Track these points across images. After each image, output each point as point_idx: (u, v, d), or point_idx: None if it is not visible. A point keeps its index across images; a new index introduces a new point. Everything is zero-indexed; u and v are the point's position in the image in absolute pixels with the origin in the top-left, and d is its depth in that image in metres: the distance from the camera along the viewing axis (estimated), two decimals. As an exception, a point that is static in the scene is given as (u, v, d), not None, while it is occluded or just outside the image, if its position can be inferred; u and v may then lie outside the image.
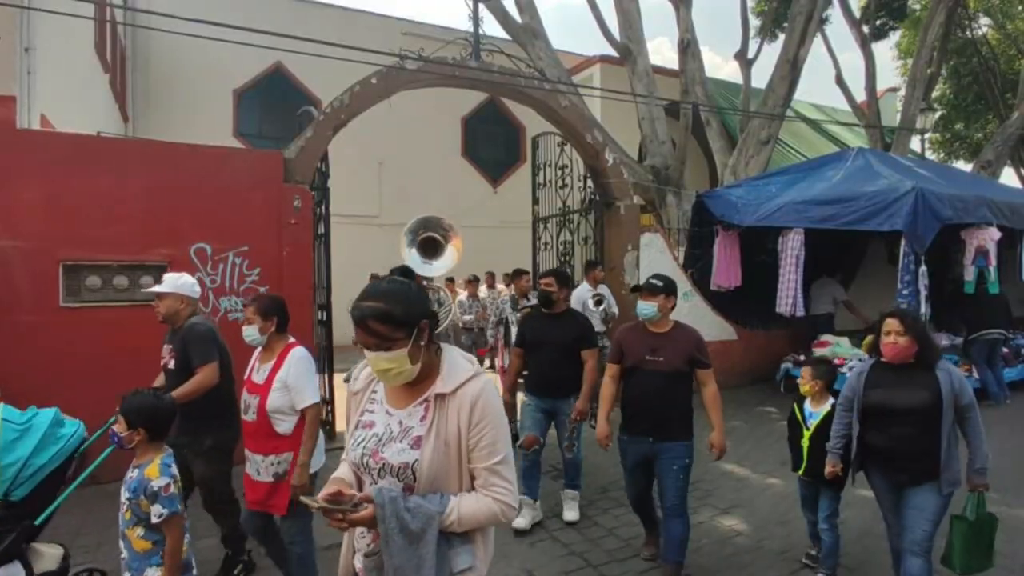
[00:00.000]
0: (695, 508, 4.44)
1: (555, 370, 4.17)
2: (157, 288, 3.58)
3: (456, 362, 1.66)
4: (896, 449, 2.85)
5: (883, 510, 3.08)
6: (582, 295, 6.50)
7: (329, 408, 6.21)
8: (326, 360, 6.42)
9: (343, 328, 5.58)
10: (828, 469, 3.18)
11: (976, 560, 2.94)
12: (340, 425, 6.10)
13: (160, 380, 3.69)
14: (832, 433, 3.19)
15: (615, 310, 6.89)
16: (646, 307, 3.35)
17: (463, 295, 10.44)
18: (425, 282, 6.27)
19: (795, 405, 3.66)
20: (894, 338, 2.82)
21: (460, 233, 6.04)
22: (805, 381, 3.56)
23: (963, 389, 2.79)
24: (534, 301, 8.19)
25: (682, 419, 3.36)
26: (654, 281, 3.38)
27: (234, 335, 5.45)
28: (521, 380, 4.56)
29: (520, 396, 4.58)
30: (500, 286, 10.28)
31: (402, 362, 1.54)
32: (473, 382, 1.60)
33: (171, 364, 3.56)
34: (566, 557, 3.74)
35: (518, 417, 4.61)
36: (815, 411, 3.52)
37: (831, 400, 3.46)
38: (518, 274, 7.01)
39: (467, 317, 10.07)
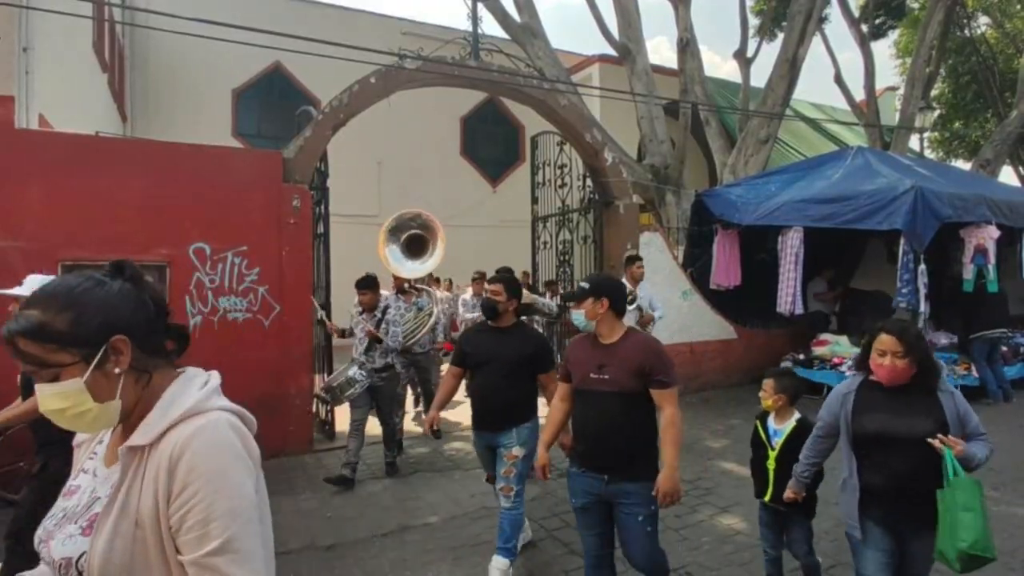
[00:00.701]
0: (694, 507, 4.45)
1: (496, 396, 3.41)
2: (16, 291, 2.74)
3: (176, 398, 1.09)
4: (900, 489, 2.37)
5: (867, 570, 2.47)
6: None
7: (328, 408, 6.21)
8: (325, 360, 6.42)
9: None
10: (787, 494, 2.82)
11: (983, 542, 2.27)
12: (340, 424, 6.10)
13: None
14: (802, 458, 2.78)
15: (658, 312, 6.39)
16: (576, 315, 2.80)
17: (467, 294, 10.36)
18: (407, 284, 6.21)
19: (757, 422, 3.24)
20: (891, 360, 2.37)
21: (442, 228, 5.94)
22: (767, 395, 3.13)
23: (968, 412, 2.42)
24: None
25: (644, 453, 2.68)
26: (581, 284, 2.88)
27: (231, 336, 5.52)
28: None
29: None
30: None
31: (79, 400, 1.02)
32: (181, 427, 1.05)
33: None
34: (566, 556, 3.74)
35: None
36: (779, 428, 3.10)
37: (796, 415, 3.09)
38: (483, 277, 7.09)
39: (471, 316, 10.00)
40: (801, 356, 8.20)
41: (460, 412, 7.18)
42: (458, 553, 3.77)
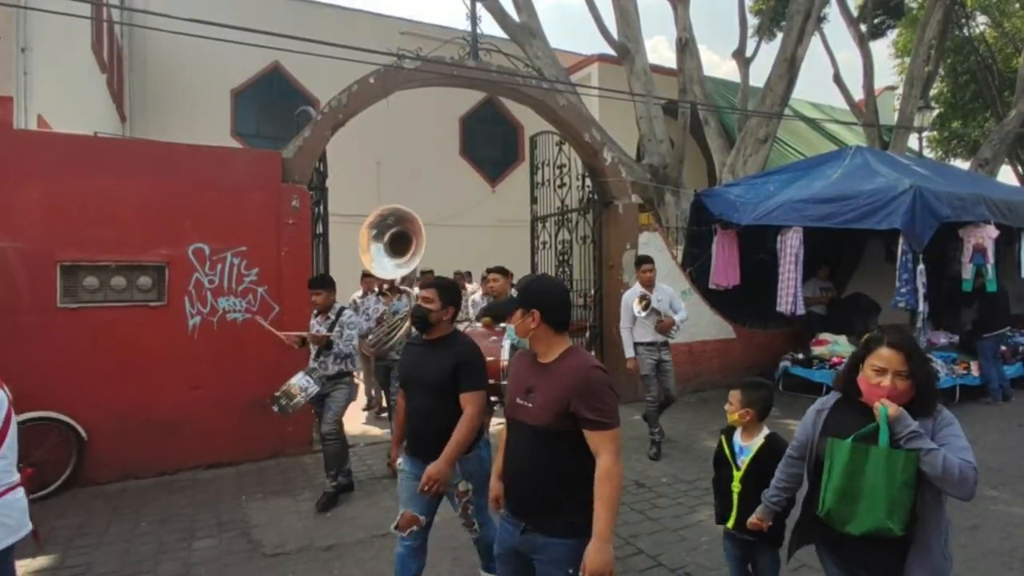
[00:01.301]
0: (693, 507, 4.45)
1: (425, 421, 2.88)
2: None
3: None
4: (866, 538, 1.97)
5: None
6: (629, 300, 5.72)
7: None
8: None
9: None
10: (752, 520, 2.50)
11: (869, 508, 1.93)
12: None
13: None
14: (773, 482, 2.42)
15: (680, 315, 5.79)
16: (510, 329, 2.43)
17: (477, 294, 9.96)
18: (388, 284, 5.98)
19: (722, 437, 2.90)
20: (891, 380, 1.96)
21: (421, 222, 5.59)
22: (732, 408, 2.83)
23: (964, 444, 1.93)
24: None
25: (573, 503, 2.07)
26: (512, 292, 2.42)
27: (231, 336, 5.52)
28: None
29: None
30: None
31: None
32: None
33: None
34: (566, 556, 3.74)
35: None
36: (746, 445, 2.78)
37: (765, 432, 2.79)
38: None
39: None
40: (800, 356, 8.20)
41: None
42: (458, 553, 3.77)
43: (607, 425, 2.04)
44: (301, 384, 4.51)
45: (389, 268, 5.60)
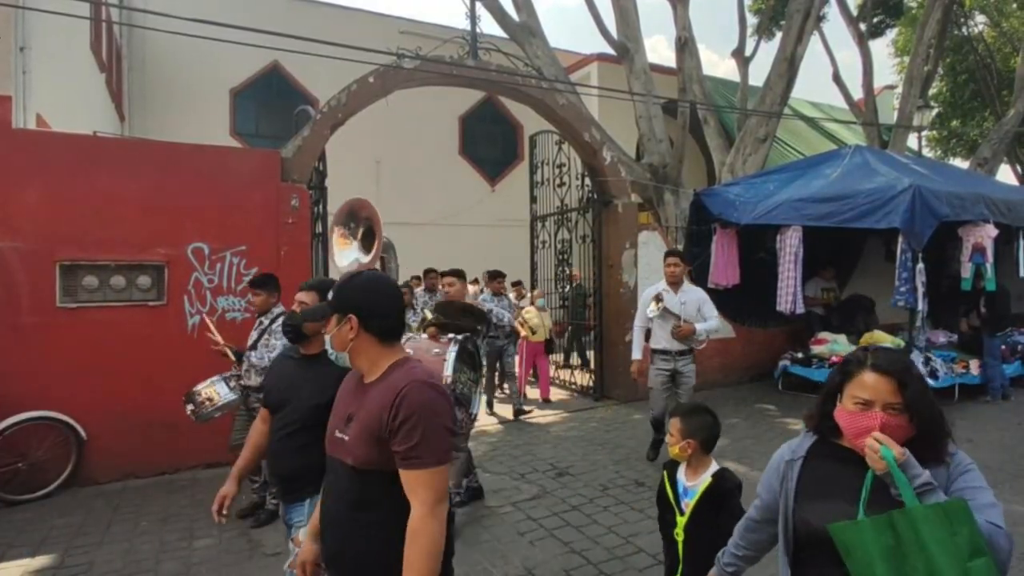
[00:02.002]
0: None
1: (283, 451, 2.32)
2: None
3: None
4: None
5: None
6: (647, 296, 5.18)
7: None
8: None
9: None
10: None
11: None
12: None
13: None
14: (730, 544, 1.85)
15: (709, 323, 5.02)
16: (327, 340, 1.82)
17: (486, 294, 9.43)
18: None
19: (664, 474, 2.48)
20: (883, 413, 1.42)
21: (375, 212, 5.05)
22: (674, 440, 2.39)
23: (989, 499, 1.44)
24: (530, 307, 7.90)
25: (395, 567, 1.53)
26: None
27: (230, 335, 5.50)
28: None
29: None
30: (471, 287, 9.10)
31: None
32: None
33: None
34: (566, 555, 3.75)
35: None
36: (691, 486, 2.35)
37: (713, 468, 2.35)
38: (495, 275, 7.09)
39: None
40: (799, 354, 8.21)
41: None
42: (459, 553, 3.76)
43: (421, 463, 1.54)
44: (221, 393, 4.01)
45: (346, 262, 4.92)
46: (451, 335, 3.44)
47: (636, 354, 5.21)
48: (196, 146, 5.72)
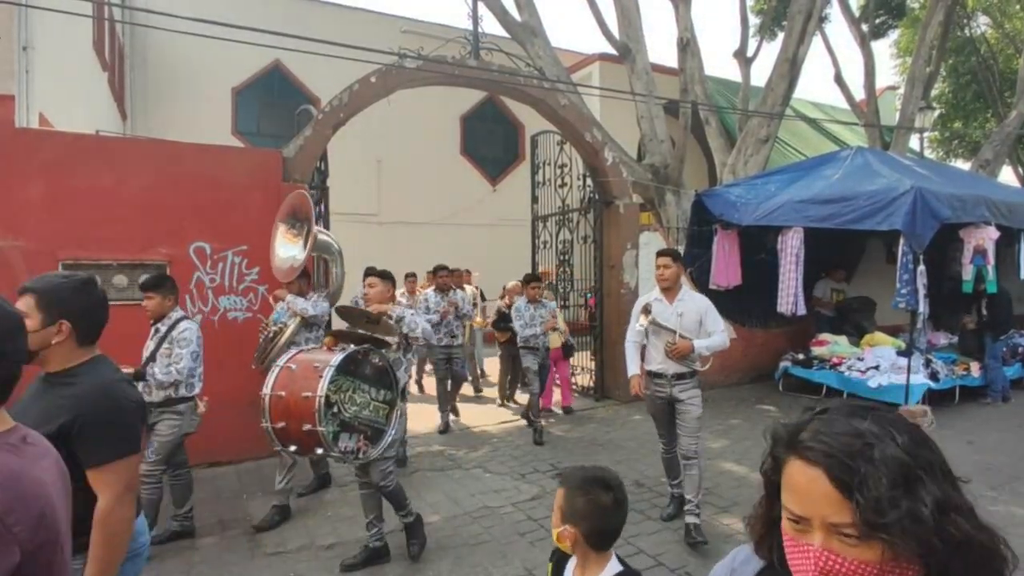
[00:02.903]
0: (694, 507, 4.45)
1: None
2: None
3: None
4: None
5: None
6: (638, 307, 4.27)
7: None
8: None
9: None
10: None
11: None
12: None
13: None
14: None
15: (715, 339, 4.05)
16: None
17: (500, 303, 8.26)
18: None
19: (550, 566, 1.83)
20: (823, 545, 0.78)
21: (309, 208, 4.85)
22: (555, 522, 1.69)
23: None
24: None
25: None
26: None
27: (232, 335, 5.52)
28: None
29: None
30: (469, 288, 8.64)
31: None
32: None
33: None
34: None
35: None
36: None
37: (613, 568, 1.64)
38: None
39: (530, 331, 6.56)
40: (800, 356, 8.22)
41: (468, 412, 7.20)
42: (459, 553, 3.78)
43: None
44: None
45: (278, 260, 4.85)
46: (345, 346, 3.19)
47: (631, 369, 4.19)
48: (198, 145, 5.73)
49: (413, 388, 8.30)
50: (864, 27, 14.03)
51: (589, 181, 8.11)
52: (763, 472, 0.92)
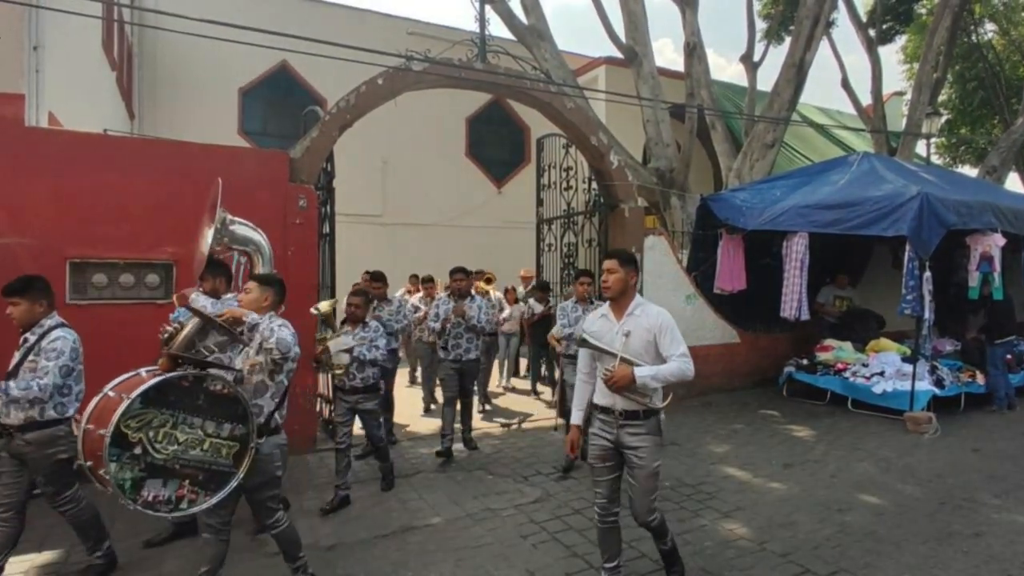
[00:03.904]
0: (697, 511, 4.44)
1: None
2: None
3: None
4: None
5: None
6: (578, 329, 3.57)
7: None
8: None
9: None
10: None
11: None
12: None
13: None
14: None
15: (666, 367, 2.99)
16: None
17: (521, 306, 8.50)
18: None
19: None
20: None
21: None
22: None
23: None
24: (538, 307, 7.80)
25: None
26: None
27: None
28: None
29: None
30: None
31: None
32: None
33: None
34: (568, 559, 3.75)
35: None
36: None
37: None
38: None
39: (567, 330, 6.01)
40: (804, 361, 8.19)
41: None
42: (461, 555, 3.78)
43: None
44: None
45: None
46: (176, 370, 2.65)
47: (573, 417, 3.32)
48: (205, 145, 5.75)
49: (402, 391, 8.18)
50: (871, 32, 14.02)
51: (594, 184, 8.11)
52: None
